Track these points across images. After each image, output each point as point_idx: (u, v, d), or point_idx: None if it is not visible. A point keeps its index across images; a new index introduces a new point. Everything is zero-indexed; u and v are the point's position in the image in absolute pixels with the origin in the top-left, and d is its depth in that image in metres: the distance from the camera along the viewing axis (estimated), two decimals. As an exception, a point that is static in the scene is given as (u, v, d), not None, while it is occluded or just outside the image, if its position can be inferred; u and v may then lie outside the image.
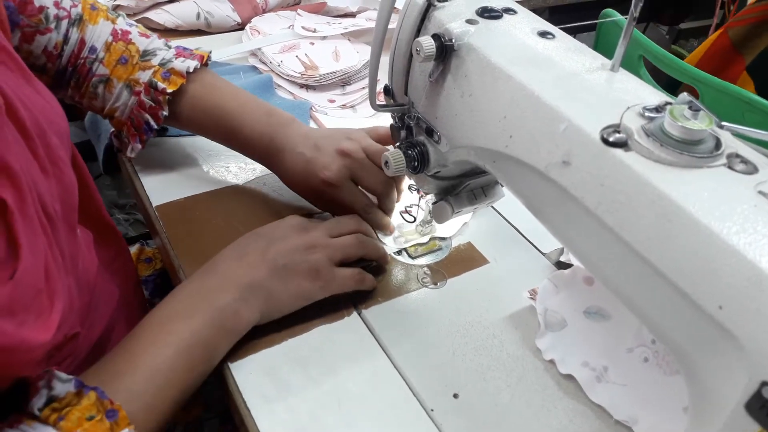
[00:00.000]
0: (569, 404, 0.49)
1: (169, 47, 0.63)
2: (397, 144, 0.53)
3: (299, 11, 0.99)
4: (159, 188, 0.66)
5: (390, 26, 0.46)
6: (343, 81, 0.87)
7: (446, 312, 0.55)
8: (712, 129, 0.32)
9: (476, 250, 0.62)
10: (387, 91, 0.52)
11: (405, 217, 0.64)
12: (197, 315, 0.47)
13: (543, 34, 0.42)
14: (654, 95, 0.37)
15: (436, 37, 0.43)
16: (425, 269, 0.60)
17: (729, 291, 0.28)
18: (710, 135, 0.33)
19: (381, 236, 0.62)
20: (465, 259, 0.61)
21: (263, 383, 0.48)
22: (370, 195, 0.62)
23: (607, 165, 0.34)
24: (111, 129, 0.67)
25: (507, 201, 0.54)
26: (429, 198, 0.59)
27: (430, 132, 0.48)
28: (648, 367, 0.48)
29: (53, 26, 0.60)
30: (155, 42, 0.63)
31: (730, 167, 0.32)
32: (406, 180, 0.63)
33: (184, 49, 0.64)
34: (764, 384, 0.27)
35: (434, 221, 0.62)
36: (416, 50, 0.43)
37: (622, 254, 0.34)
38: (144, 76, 0.61)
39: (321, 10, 1.01)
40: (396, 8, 0.46)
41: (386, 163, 0.52)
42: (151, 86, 0.61)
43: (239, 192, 0.67)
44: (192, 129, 0.66)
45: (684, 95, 0.34)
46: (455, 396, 0.48)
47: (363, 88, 0.87)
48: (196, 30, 0.96)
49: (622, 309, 0.51)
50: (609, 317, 0.52)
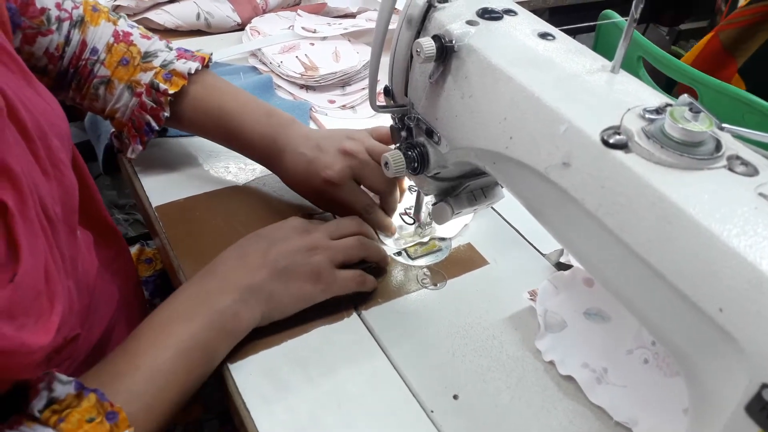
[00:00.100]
0: (569, 405, 0.49)
1: (171, 49, 0.63)
2: (397, 145, 0.53)
3: (299, 12, 0.99)
4: (159, 189, 0.66)
5: (390, 27, 0.46)
6: (343, 82, 0.87)
7: (446, 313, 0.55)
8: (713, 131, 0.32)
9: (476, 251, 0.62)
10: (387, 92, 0.52)
11: (405, 219, 0.64)
12: (197, 317, 0.47)
13: (543, 36, 0.42)
14: (654, 97, 0.37)
15: (437, 38, 0.43)
16: (425, 270, 0.60)
17: (729, 293, 0.28)
18: (711, 137, 0.33)
19: (382, 237, 0.62)
20: (465, 260, 0.61)
21: (263, 384, 0.48)
22: (372, 195, 0.62)
23: (608, 167, 0.34)
24: (111, 129, 0.67)
25: (507, 202, 0.55)
26: (429, 199, 0.59)
27: (430, 133, 0.48)
28: (648, 369, 0.48)
29: (55, 28, 0.59)
30: (156, 43, 0.63)
31: (731, 169, 0.32)
32: (408, 180, 0.63)
33: (186, 51, 0.64)
34: (764, 386, 0.27)
35: (434, 222, 0.62)
36: (416, 51, 0.43)
37: (623, 256, 0.34)
38: (145, 78, 0.61)
39: (321, 11, 1.00)
40: (396, 9, 0.46)
41: (386, 164, 0.52)
42: (153, 87, 0.61)
43: (239, 192, 0.67)
44: (193, 130, 0.66)
45: (684, 97, 0.34)
46: (455, 397, 0.48)
47: (363, 89, 0.87)
48: (196, 30, 0.96)
49: (622, 310, 0.51)
50: (609, 319, 0.52)
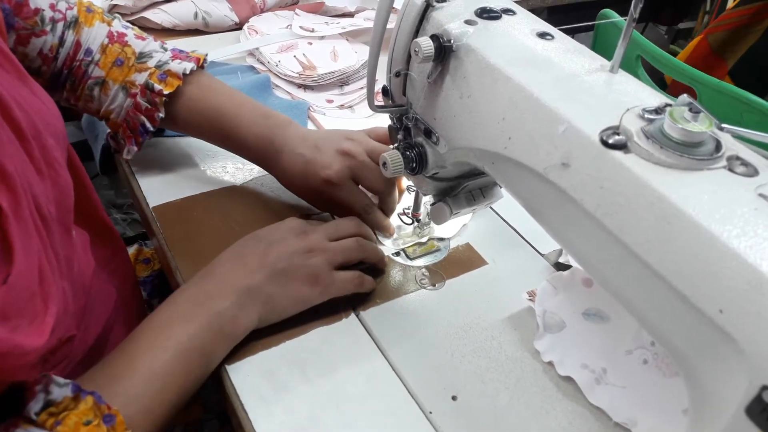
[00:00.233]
0: (568, 406, 0.48)
1: (165, 49, 0.63)
2: (395, 145, 0.53)
3: (297, 11, 0.99)
4: (156, 189, 0.66)
5: (388, 26, 0.45)
6: (341, 81, 0.87)
7: (445, 313, 0.55)
8: (713, 131, 0.32)
9: (475, 252, 0.62)
10: (385, 92, 0.52)
11: (403, 219, 0.63)
12: (195, 320, 0.47)
13: (542, 35, 0.42)
14: (653, 97, 0.36)
15: (435, 38, 0.43)
16: (423, 270, 0.60)
17: (729, 294, 0.28)
18: (710, 137, 0.33)
19: (380, 238, 0.62)
20: (463, 260, 0.61)
21: (261, 385, 0.48)
22: (371, 195, 0.61)
23: (607, 167, 0.33)
24: (108, 130, 0.67)
25: (505, 202, 0.54)
26: (427, 199, 0.58)
27: (429, 133, 0.48)
28: (647, 369, 0.48)
29: (49, 29, 0.59)
30: (151, 44, 0.63)
31: (731, 170, 0.32)
32: (406, 180, 0.63)
33: (180, 52, 0.63)
34: (765, 388, 0.27)
35: (432, 223, 0.62)
36: (415, 51, 0.43)
37: (622, 256, 0.33)
38: (140, 78, 0.61)
39: (319, 10, 1.00)
40: (395, 8, 0.46)
41: (384, 164, 0.51)
42: (148, 88, 0.61)
43: (237, 192, 0.67)
44: (188, 131, 0.66)
45: (684, 97, 0.34)
46: (454, 398, 0.48)
47: (361, 89, 0.86)
48: (194, 30, 0.96)
49: (621, 311, 0.51)
50: (608, 319, 0.52)
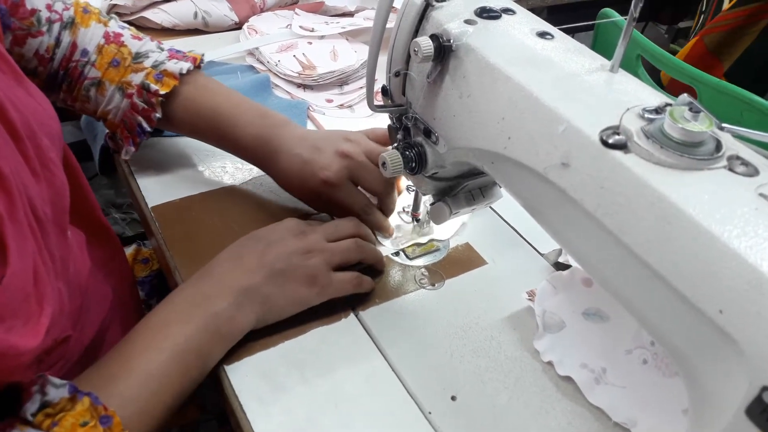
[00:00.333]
0: (568, 406, 0.48)
1: (162, 49, 0.62)
2: (395, 145, 0.52)
3: (297, 10, 0.99)
4: (155, 189, 0.66)
5: (388, 26, 0.45)
6: (341, 81, 0.86)
7: (444, 313, 0.55)
8: (713, 131, 0.32)
9: (474, 251, 0.62)
10: (385, 92, 0.52)
11: (403, 217, 0.63)
12: (193, 320, 0.47)
13: (542, 35, 0.42)
14: (653, 96, 0.36)
15: (434, 38, 0.43)
16: (423, 270, 0.59)
17: (729, 294, 0.28)
18: (711, 137, 0.33)
19: (380, 238, 0.62)
20: (463, 260, 0.61)
21: (259, 386, 0.48)
22: (370, 196, 0.61)
23: (607, 167, 0.33)
24: (107, 130, 0.67)
25: (505, 201, 0.54)
26: (427, 198, 0.58)
27: (428, 133, 0.48)
28: (647, 369, 0.48)
29: (45, 29, 0.59)
30: (148, 44, 0.62)
31: (731, 169, 0.32)
32: (405, 180, 0.62)
33: (177, 52, 0.63)
34: (765, 389, 0.27)
35: (432, 222, 0.62)
36: (414, 51, 0.43)
37: (622, 257, 0.33)
38: (136, 79, 0.60)
39: (319, 10, 1.00)
40: (394, 8, 0.45)
41: (383, 164, 0.51)
42: (144, 88, 0.60)
43: (236, 192, 0.67)
44: (185, 131, 0.65)
45: (684, 96, 0.34)
46: (453, 398, 0.48)
47: (361, 88, 0.86)
48: (194, 29, 0.96)
49: (621, 310, 0.51)
50: (608, 319, 0.52)
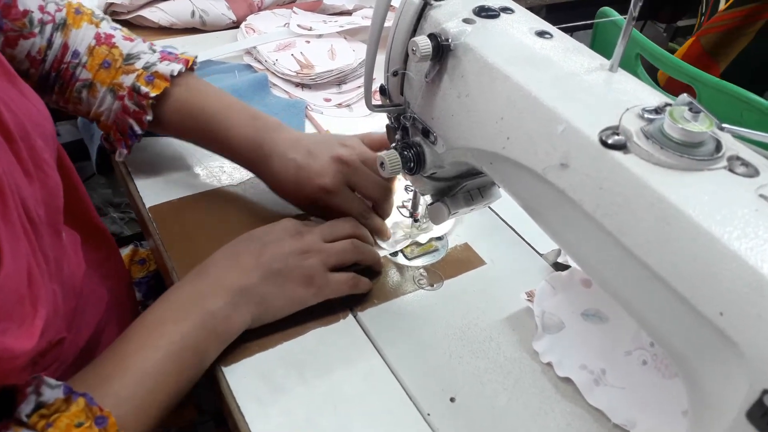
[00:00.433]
0: (567, 407, 0.48)
1: (154, 51, 0.62)
2: (393, 145, 0.52)
3: (295, 9, 0.99)
4: (152, 189, 0.65)
5: (386, 25, 0.45)
6: (339, 80, 0.86)
7: (443, 314, 0.55)
8: (713, 131, 0.32)
9: (473, 251, 0.62)
10: (383, 91, 0.51)
11: (402, 212, 0.63)
12: (188, 319, 0.46)
13: (541, 34, 0.42)
14: (653, 96, 0.36)
15: (433, 37, 0.42)
16: (421, 270, 0.59)
17: (729, 296, 0.28)
18: (711, 137, 0.32)
19: (378, 241, 0.61)
20: (461, 260, 0.61)
21: (257, 387, 0.48)
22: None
23: (606, 167, 0.33)
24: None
25: (504, 201, 0.54)
26: (426, 199, 0.58)
27: (427, 133, 0.47)
28: (646, 370, 0.48)
29: (37, 31, 0.58)
30: (139, 45, 0.62)
31: (731, 170, 0.31)
32: (401, 181, 0.62)
33: (170, 53, 0.62)
34: (766, 392, 0.27)
35: (431, 222, 0.61)
36: (412, 50, 0.42)
37: (621, 258, 0.33)
38: (127, 80, 0.60)
39: (317, 8, 1.00)
40: (392, 6, 0.45)
41: (382, 164, 0.51)
42: (135, 90, 0.59)
43: (233, 193, 0.66)
44: (177, 134, 0.64)
45: (684, 96, 0.34)
46: (452, 400, 0.48)
47: (359, 87, 0.86)
48: (191, 28, 0.95)
49: (621, 311, 0.51)
50: (607, 319, 0.52)
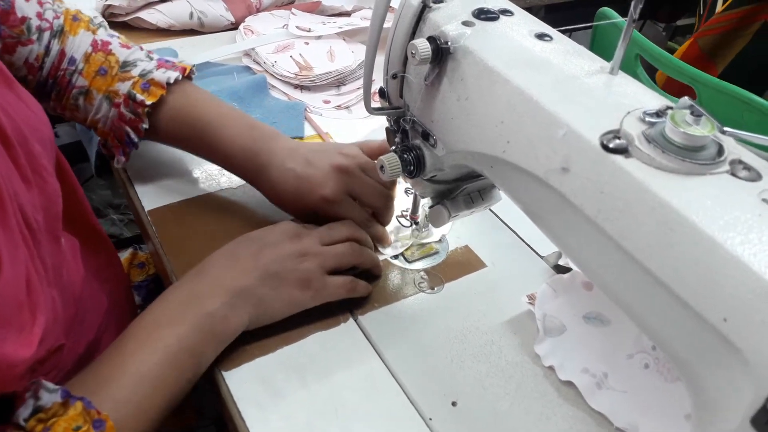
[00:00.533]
0: (569, 411, 0.48)
1: (151, 58, 0.61)
2: (393, 148, 0.52)
3: (293, 10, 0.98)
4: (152, 192, 0.65)
5: (385, 25, 0.45)
6: (338, 81, 0.86)
7: (443, 317, 0.55)
8: (715, 135, 0.32)
9: (473, 254, 0.62)
10: (382, 94, 0.51)
11: (401, 221, 0.63)
12: (185, 320, 0.46)
13: (540, 36, 0.42)
14: (654, 99, 0.36)
15: (432, 40, 0.42)
16: (422, 273, 0.59)
17: (733, 302, 0.28)
18: (712, 141, 0.32)
19: (378, 248, 0.61)
20: (462, 263, 0.61)
21: (258, 392, 0.48)
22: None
23: (607, 172, 0.33)
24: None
25: (504, 203, 0.54)
26: (426, 201, 0.58)
27: (426, 136, 0.47)
28: (648, 374, 0.48)
29: (35, 38, 0.58)
30: (136, 53, 0.61)
31: (733, 174, 0.31)
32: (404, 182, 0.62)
33: (167, 61, 0.62)
34: (770, 398, 0.26)
35: (431, 225, 0.61)
36: (411, 53, 0.42)
37: (623, 262, 0.33)
38: (123, 88, 0.59)
39: (315, 9, 0.99)
40: (392, 7, 0.45)
41: (381, 167, 0.51)
42: (131, 98, 0.59)
43: (233, 196, 0.66)
44: (173, 143, 0.63)
45: (685, 99, 0.33)
46: (454, 404, 0.48)
47: (358, 89, 0.86)
48: (189, 30, 0.95)
49: (622, 315, 0.50)
50: (608, 323, 0.51)
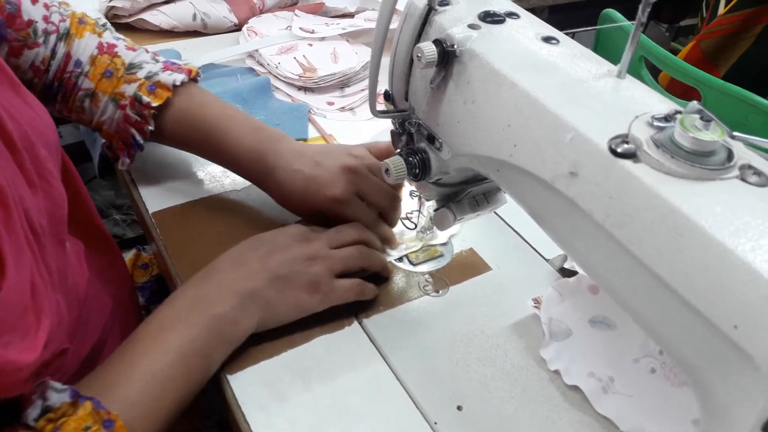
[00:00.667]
0: (575, 416, 0.48)
1: (157, 61, 0.61)
2: (398, 151, 0.52)
3: (297, 12, 0.98)
4: (155, 194, 0.65)
5: (391, 27, 0.44)
6: (342, 83, 0.86)
7: (448, 321, 0.54)
8: (724, 140, 0.31)
9: (478, 257, 0.61)
10: (387, 97, 0.51)
11: (406, 224, 0.63)
12: (195, 323, 0.46)
13: (547, 39, 0.41)
14: (662, 103, 0.36)
15: (438, 43, 0.42)
16: (427, 276, 0.59)
17: (743, 309, 0.27)
18: (722, 146, 0.32)
19: (386, 250, 0.61)
20: (467, 266, 0.60)
21: (262, 395, 0.47)
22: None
23: (616, 176, 0.33)
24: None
25: (509, 206, 0.53)
26: (430, 204, 0.58)
27: (432, 139, 0.47)
28: (655, 378, 0.48)
29: (41, 41, 0.58)
30: (142, 55, 0.61)
31: (743, 179, 0.31)
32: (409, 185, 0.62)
33: (173, 63, 0.62)
34: (782, 406, 0.26)
35: (435, 228, 0.61)
36: (417, 56, 0.42)
37: (631, 268, 0.33)
38: (129, 90, 0.59)
39: (319, 11, 0.99)
40: (397, 10, 0.45)
41: (387, 171, 0.51)
42: (137, 100, 0.59)
43: (238, 198, 0.66)
44: (179, 145, 0.63)
45: (694, 104, 0.33)
46: (459, 408, 0.47)
47: (362, 90, 0.85)
48: (193, 31, 0.95)
49: (628, 319, 0.50)
50: (615, 327, 0.51)
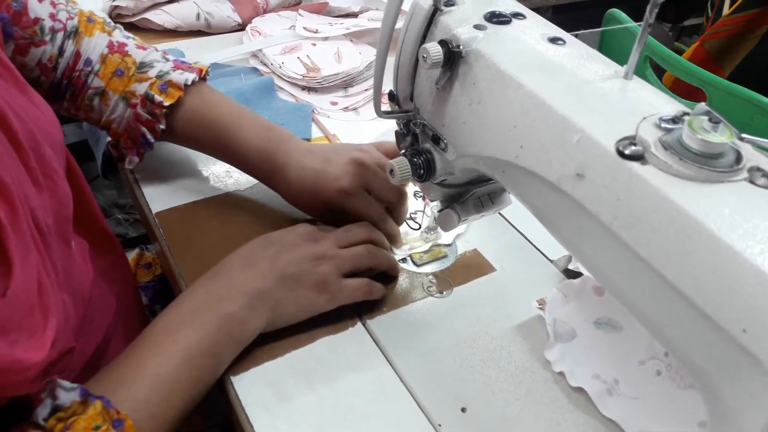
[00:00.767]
0: (579, 418, 0.47)
1: (167, 60, 0.62)
2: (402, 151, 0.52)
3: (300, 11, 0.98)
4: (159, 195, 0.65)
5: (396, 26, 0.44)
6: (346, 83, 0.86)
7: (452, 322, 0.54)
8: (733, 142, 0.31)
9: (482, 257, 0.61)
10: (392, 97, 0.51)
11: (410, 224, 0.62)
12: (204, 323, 0.46)
13: (553, 40, 0.41)
14: (669, 105, 0.35)
15: (443, 44, 0.42)
16: (431, 277, 0.59)
17: (752, 313, 0.27)
18: (731, 148, 0.32)
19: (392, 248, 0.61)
20: (471, 267, 0.60)
21: (266, 396, 0.47)
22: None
23: (623, 178, 0.32)
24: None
25: (513, 206, 0.53)
26: (434, 204, 0.58)
27: (437, 140, 0.47)
28: (660, 380, 0.47)
29: (48, 38, 0.58)
30: (152, 54, 0.62)
31: (752, 182, 0.31)
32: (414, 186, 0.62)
33: (183, 62, 0.62)
34: (791, 411, 0.26)
35: (440, 228, 0.61)
36: (423, 57, 0.42)
37: (638, 270, 0.32)
38: (140, 89, 0.59)
39: (323, 11, 0.99)
40: (402, 10, 0.44)
41: (391, 171, 0.50)
42: (148, 99, 0.59)
43: (241, 198, 0.66)
44: (189, 144, 0.64)
45: (702, 105, 0.33)
46: (463, 410, 0.47)
47: (366, 90, 0.85)
48: (196, 31, 0.95)
49: (634, 320, 0.50)
50: (620, 328, 0.51)
